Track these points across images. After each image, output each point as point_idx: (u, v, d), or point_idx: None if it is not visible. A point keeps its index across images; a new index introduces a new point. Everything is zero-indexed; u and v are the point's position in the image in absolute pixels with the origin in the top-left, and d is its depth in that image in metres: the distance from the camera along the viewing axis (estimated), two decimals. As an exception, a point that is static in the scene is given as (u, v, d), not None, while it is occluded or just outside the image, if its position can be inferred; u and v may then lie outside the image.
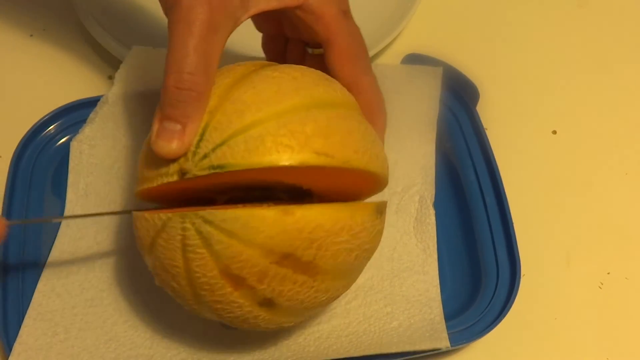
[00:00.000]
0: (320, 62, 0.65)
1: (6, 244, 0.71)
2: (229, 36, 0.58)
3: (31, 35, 0.91)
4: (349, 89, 0.63)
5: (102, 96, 0.77)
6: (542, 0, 1.00)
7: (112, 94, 0.76)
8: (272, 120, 0.55)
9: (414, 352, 0.66)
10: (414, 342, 0.67)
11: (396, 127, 0.78)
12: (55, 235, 0.73)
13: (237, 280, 0.55)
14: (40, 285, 0.70)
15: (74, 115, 0.78)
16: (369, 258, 0.61)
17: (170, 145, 0.55)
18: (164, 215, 0.56)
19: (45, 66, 0.89)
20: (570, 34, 0.97)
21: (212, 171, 0.54)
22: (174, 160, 0.56)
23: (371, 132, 0.61)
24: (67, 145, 0.76)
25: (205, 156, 0.55)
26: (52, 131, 0.78)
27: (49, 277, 0.70)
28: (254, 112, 0.55)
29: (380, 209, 0.60)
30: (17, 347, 0.66)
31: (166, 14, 0.58)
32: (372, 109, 0.64)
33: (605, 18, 0.98)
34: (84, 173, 0.75)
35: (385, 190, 0.75)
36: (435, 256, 0.73)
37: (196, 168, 0.55)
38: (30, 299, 0.69)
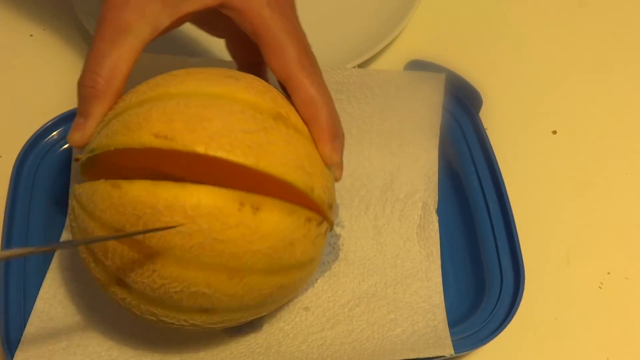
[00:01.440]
0: None
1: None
2: (148, 41, 0.61)
3: (31, 35, 0.90)
4: (286, 87, 0.62)
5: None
6: (542, 0, 1.00)
7: (114, 100, 0.75)
8: (133, 108, 0.57)
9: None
10: (417, 349, 0.67)
11: (399, 134, 0.78)
12: (58, 242, 0.73)
13: (93, 254, 0.57)
14: (42, 292, 0.70)
15: (77, 121, 0.77)
16: (242, 258, 0.56)
17: (74, 135, 0.60)
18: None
19: (45, 66, 0.89)
20: (570, 34, 0.97)
21: (88, 155, 0.58)
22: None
23: (260, 124, 0.57)
24: (69, 151, 0.76)
25: (90, 144, 0.59)
26: (55, 137, 0.77)
27: (51, 284, 0.70)
28: (125, 102, 0.59)
29: (248, 201, 0.55)
30: (19, 354, 0.66)
31: None
32: (309, 106, 0.61)
33: (605, 18, 0.98)
34: (86, 179, 0.75)
35: (389, 197, 0.76)
36: (439, 262, 0.73)
37: (82, 154, 0.60)
38: (32, 306, 0.69)
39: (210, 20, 0.64)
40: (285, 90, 0.62)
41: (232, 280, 0.56)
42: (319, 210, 0.60)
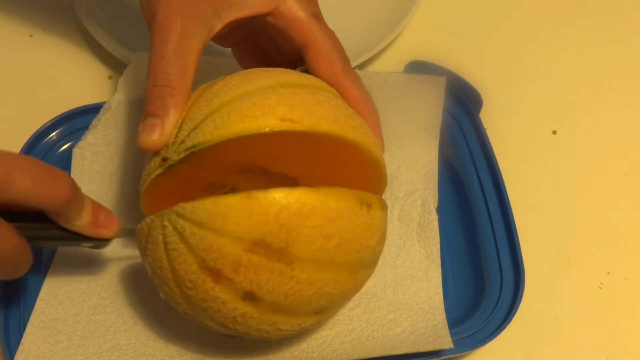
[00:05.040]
0: None
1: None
2: (205, 43, 0.63)
3: (31, 35, 0.90)
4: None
5: (104, 102, 0.75)
6: (542, 0, 1.00)
7: (115, 100, 0.75)
8: (239, 99, 0.58)
9: (418, 353, 0.67)
10: (417, 346, 0.67)
11: (399, 135, 0.78)
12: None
13: (215, 273, 0.56)
14: (42, 293, 0.69)
15: (77, 121, 0.77)
16: (361, 253, 0.59)
17: (152, 137, 0.59)
18: (148, 219, 0.59)
19: (45, 66, 0.88)
20: (570, 34, 0.97)
21: (188, 152, 0.58)
22: (158, 155, 0.60)
23: (349, 110, 0.62)
24: (69, 151, 0.75)
25: (182, 142, 0.58)
26: (55, 138, 0.77)
27: (51, 285, 0.70)
28: (222, 97, 0.59)
29: (364, 200, 0.59)
30: (20, 355, 0.66)
31: (148, 28, 0.63)
32: (360, 105, 0.65)
33: (605, 18, 0.98)
34: (86, 180, 0.74)
35: (388, 196, 0.75)
36: (439, 262, 0.73)
37: (174, 153, 0.58)
38: (32, 307, 0.68)
39: (228, 32, 0.66)
40: None
41: (349, 277, 0.60)
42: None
